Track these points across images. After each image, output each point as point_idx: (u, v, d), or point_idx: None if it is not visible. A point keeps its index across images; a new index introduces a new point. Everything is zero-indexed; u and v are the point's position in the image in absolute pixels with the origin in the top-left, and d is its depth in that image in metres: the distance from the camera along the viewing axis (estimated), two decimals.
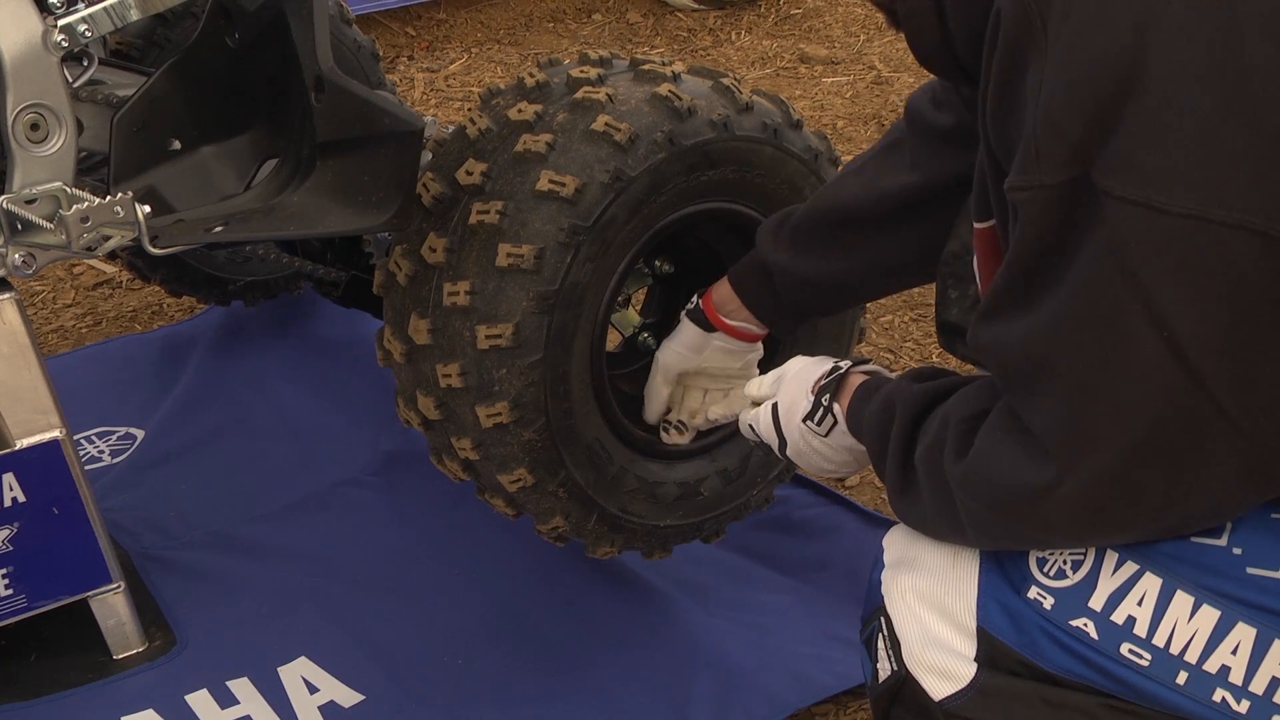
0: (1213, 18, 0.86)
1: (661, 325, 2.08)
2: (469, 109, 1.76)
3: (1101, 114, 0.90)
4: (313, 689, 1.94)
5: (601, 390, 1.80)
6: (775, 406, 1.52)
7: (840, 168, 1.92)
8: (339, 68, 1.70)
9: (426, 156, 1.79)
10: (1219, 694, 1.06)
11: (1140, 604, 1.07)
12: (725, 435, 1.96)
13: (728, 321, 1.76)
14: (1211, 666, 1.06)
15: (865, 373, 1.44)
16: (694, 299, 1.80)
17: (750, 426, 1.59)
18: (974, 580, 1.16)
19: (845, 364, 1.46)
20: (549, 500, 1.80)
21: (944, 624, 1.17)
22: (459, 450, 1.77)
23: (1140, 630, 1.07)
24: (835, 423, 1.42)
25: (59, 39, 1.63)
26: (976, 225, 1.22)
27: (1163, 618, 1.06)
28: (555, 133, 1.67)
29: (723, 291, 1.76)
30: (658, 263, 2.00)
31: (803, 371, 1.50)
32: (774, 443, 1.52)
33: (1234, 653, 1.04)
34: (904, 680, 1.20)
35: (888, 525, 1.52)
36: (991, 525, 1.13)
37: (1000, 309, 1.06)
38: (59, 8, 1.66)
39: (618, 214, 1.66)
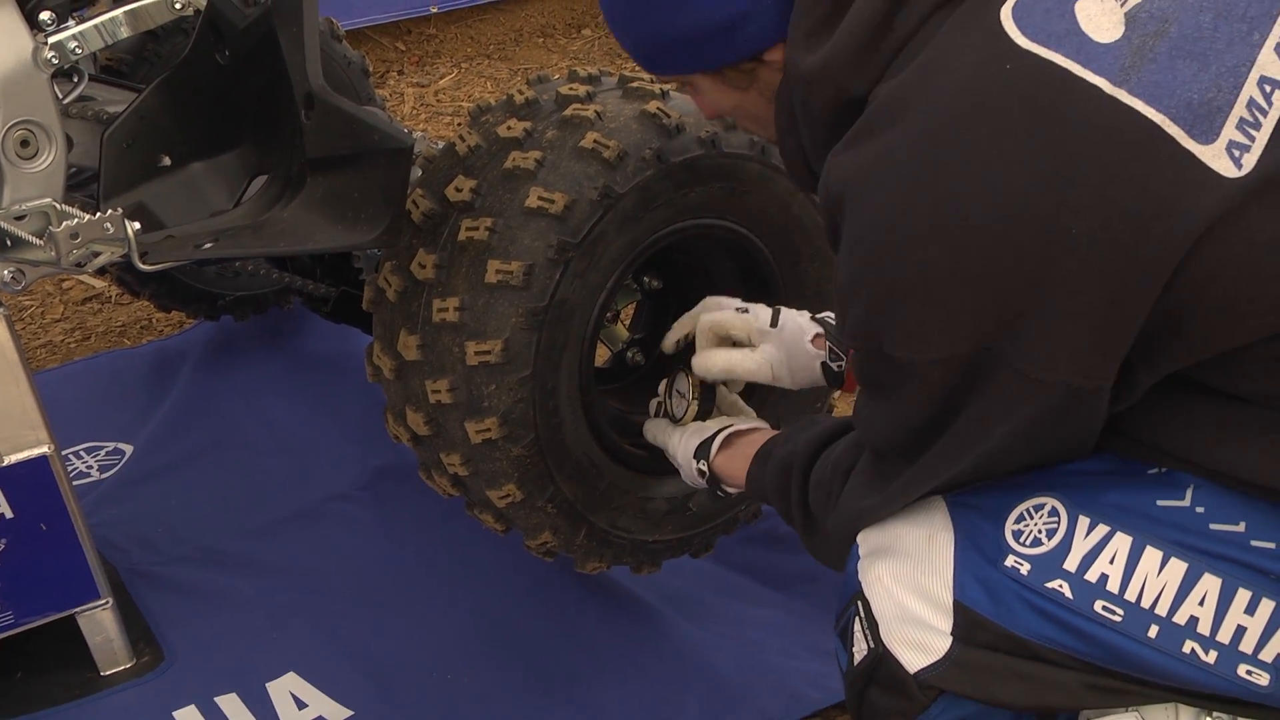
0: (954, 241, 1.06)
1: (649, 340, 2.08)
2: (459, 124, 1.77)
3: (879, 305, 1.12)
4: (301, 704, 1.94)
5: (590, 406, 1.80)
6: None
7: None
8: (328, 84, 1.71)
9: (416, 173, 1.79)
10: (1188, 645, 1.10)
11: (1112, 561, 1.13)
12: None
13: None
14: (1181, 618, 1.10)
15: (735, 433, 1.66)
16: (839, 364, 1.74)
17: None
18: (950, 558, 1.20)
19: (721, 434, 1.68)
20: (538, 515, 1.80)
21: (921, 602, 1.21)
22: (448, 465, 1.77)
23: (1113, 586, 1.13)
24: (719, 479, 1.66)
25: (49, 56, 1.63)
26: None
27: (1134, 573, 1.12)
28: (544, 149, 1.67)
29: None
30: (646, 279, 2.00)
31: (685, 452, 1.71)
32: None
33: (1201, 603, 1.10)
34: (880, 658, 1.23)
35: None
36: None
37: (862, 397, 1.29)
38: (49, 24, 1.66)
39: (606, 230, 1.67)
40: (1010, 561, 1.17)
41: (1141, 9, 1.04)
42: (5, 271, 1.66)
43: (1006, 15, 1.05)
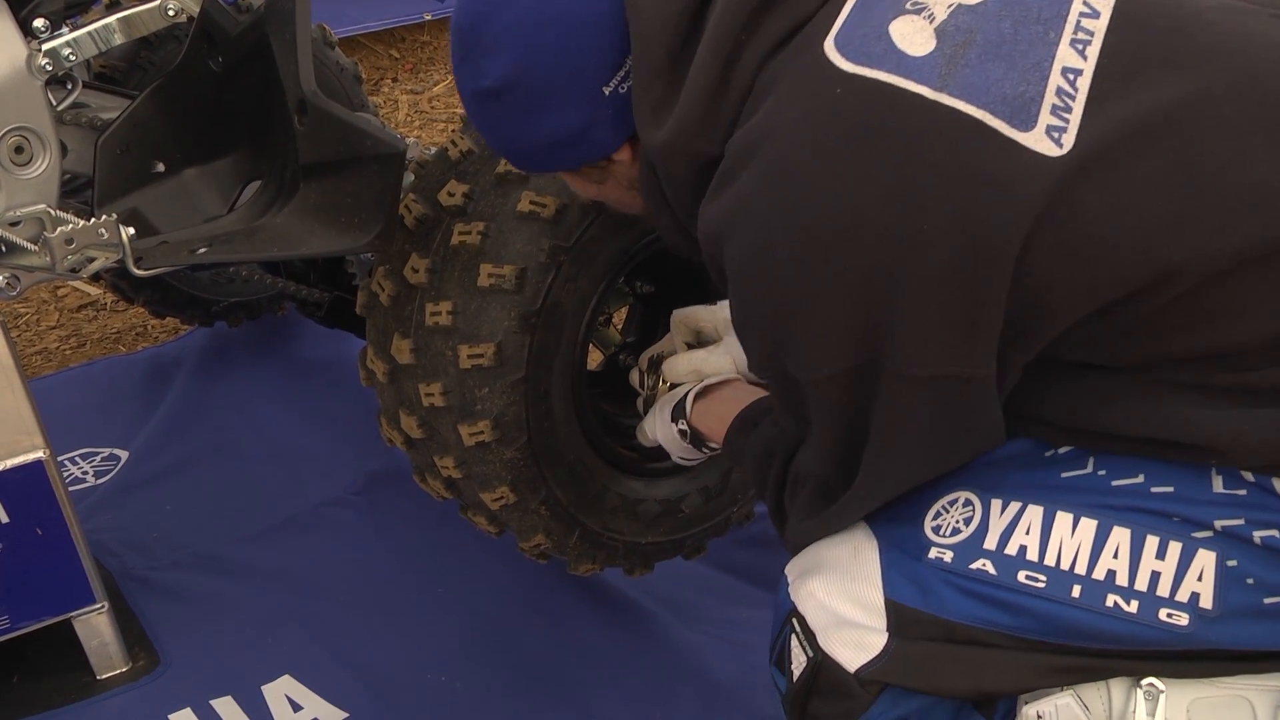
0: (820, 260, 1.12)
1: (642, 344, 2.09)
2: (453, 130, 1.78)
3: (773, 334, 1.19)
4: (296, 707, 1.95)
5: (583, 408, 1.81)
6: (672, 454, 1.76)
7: None
8: (321, 90, 1.71)
9: (409, 178, 1.80)
10: (1111, 599, 1.15)
11: (1029, 533, 1.19)
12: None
13: None
14: (1099, 574, 1.16)
15: (707, 387, 1.68)
16: None
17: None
18: (876, 562, 1.26)
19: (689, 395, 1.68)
20: (531, 518, 1.81)
21: (854, 607, 1.25)
22: (442, 469, 1.78)
23: (1032, 555, 1.18)
24: (701, 437, 1.68)
25: (43, 63, 1.64)
26: None
27: (1049, 538, 1.18)
28: None
29: None
30: (639, 283, 2.01)
31: (664, 424, 1.73)
32: (695, 459, 1.77)
33: (1115, 556, 1.15)
34: (819, 665, 1.27)
35: None
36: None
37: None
38: (43, 32, 1.67)
39: (598, 234, 1.68)
40: (934, 553, 1.22)
41: (948, 24, 1.12)
42: (0, 278, 1.67)
43: (830, 47, 1.13)
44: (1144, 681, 1.17)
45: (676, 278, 2.02)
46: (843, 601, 1.26)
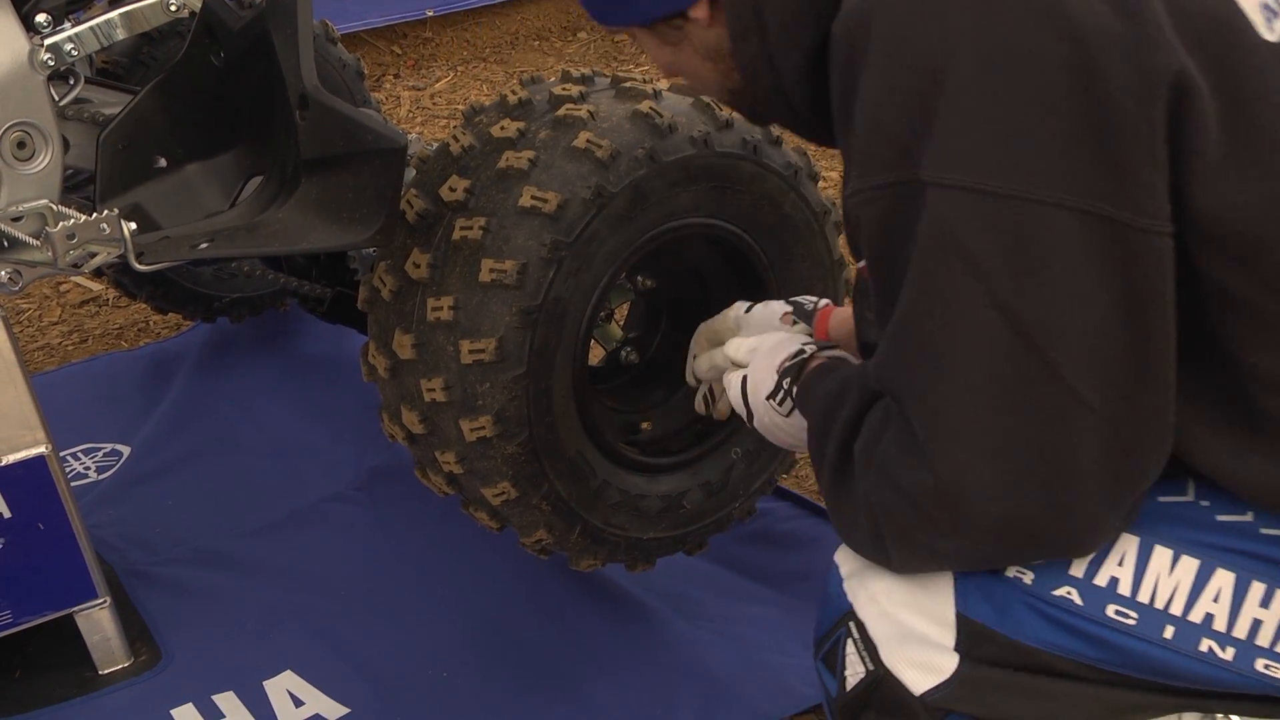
0: (1002, 15, 0.97)
1: (644, 340, 2.09)
2: (455, 127, 1.77)
3: (918, 110, 1.00)
4: (298, 702, 1.95)
5: (584, 404, 1.81)
6: (745, 379, 1.53)
7: (819, 183, 1.94)
8: (323, 86, 1.72)
9: (410, 173, 1.80)
10: (1205, 644, 1.07)
11: (1121, 564, 1.09)
12: (708, 449, 1.98)
13: (830, 338, 1.66)
14: (1196, 616, 1.08)
15: (829, 357, 1.45)
16: (813, 302, 1.71)
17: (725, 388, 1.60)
18: (948, 571, 1.16)
19: (812, 347, 1.47)
20: (532, 513, 1.81)
21: (920, 618, 1.16)
22: (443, 464, 1.78)
23: (1124, 589, 1.09)
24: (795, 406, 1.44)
25: (45, 58, 1.65)
26: None
27: (1144, 574, 1.09)
28: (537, 149, 1.69)
29: (843, 319, 1.66)
30: (640, 278, 2.01)
31: (775, 349, 1.51)
32: (743, 413, 1.54)
33: (1215, 600, 1.07)
34: (880, 680, 1.18)
35: None
36: (895, 528, 1.13)
37: (879, 318, 1.12)
38: (45, 27, 1.68)
39: (599, 229, 1.68)
40: (1012, 571, 1.13)
41: None
42: (3, 272, 1.67)
43: None
44: (1217, 716, 1.12)
45: (678, 273, 2.02)
46: (909, 612, 1.16)
